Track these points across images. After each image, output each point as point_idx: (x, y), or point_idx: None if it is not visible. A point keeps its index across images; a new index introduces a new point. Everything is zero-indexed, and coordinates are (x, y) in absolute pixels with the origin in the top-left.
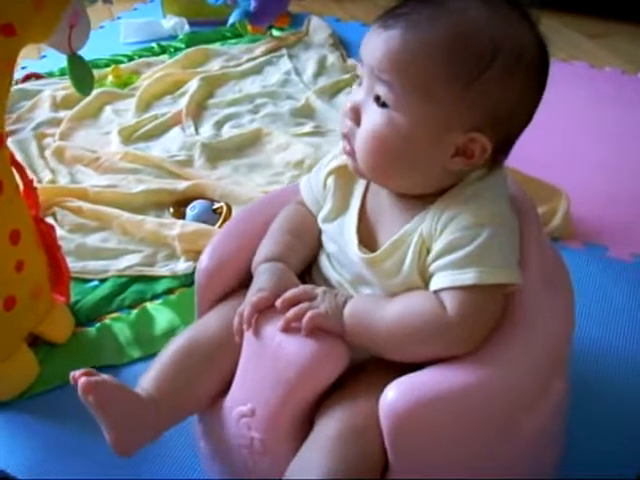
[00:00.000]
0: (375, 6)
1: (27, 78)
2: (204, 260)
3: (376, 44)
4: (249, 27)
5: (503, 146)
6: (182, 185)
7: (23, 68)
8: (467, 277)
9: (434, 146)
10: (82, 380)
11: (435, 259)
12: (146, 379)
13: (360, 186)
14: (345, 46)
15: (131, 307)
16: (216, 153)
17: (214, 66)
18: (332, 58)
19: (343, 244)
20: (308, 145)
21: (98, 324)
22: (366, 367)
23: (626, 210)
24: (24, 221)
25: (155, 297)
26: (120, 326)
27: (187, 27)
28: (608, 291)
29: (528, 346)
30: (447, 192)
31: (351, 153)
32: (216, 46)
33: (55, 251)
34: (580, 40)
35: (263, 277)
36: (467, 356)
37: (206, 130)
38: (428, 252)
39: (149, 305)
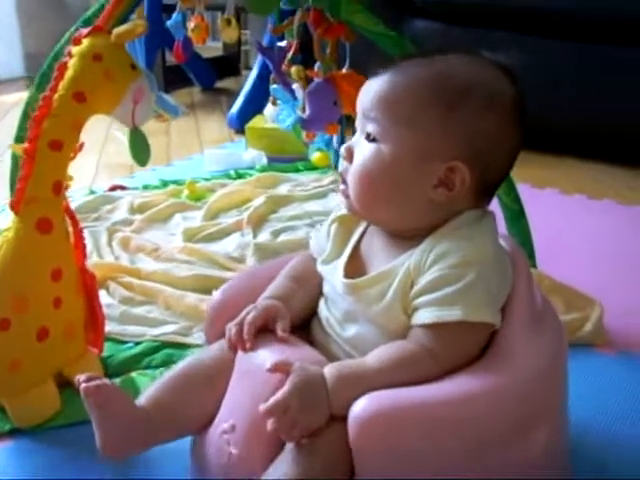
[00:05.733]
0: None
1: (113, 189)
2: (216, 295)
3: (367, 90)
4: (304, 133)
5: (485, 185)
6: (230, 274)
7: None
8: (454, 314)
9: (417, 174)
10: (82, 386)
11: (421, 294)
12: (144, 395)
13: (358, 231)
14: None
15: (158, 367)
16: (268, 254)
17: (282, 189)
18: None
19: (333, 280)
20: None
21: (124, 377)
22: None
23: None
24: (67, 263)
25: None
26: (143, 380)
27: (265, 159)
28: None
29: (505, 377)
30: (439, 229)
31: (345, 191)
32: (287, 174)
33: (94, 301)
34: None
35: (258, 302)
36: (444, 381)
37: (263, 236)
38: (412, 285)
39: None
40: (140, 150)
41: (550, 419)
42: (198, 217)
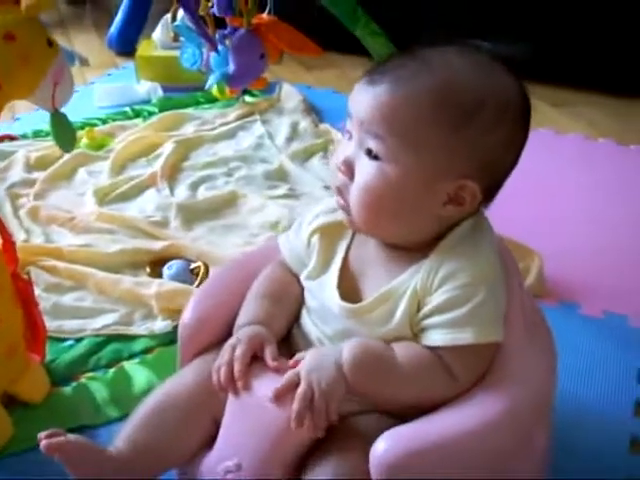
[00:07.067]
0: (343, 74)
1: (0, 140)
2: (187, 315)
3: (365, 99)
4: (227, 89)
5: (491, 192)
6: (158, 245)
7: None
8: (466, 337)
9: (426, 195)
10: (43, 443)
11: (430, 315)
12: (121, 437)
13: (344, 242)
14: (317, 112)
15: (107, 367)
16: (191, 214)
17: (188, 130)
18: (304, 123)
19: (324, 299)
20: (283, 207)
21: (74, 384)
22: (354, 419)
23: (596, 267)
24: (2, 276)
25: (132, 356)
26: (97, 386)
27: (160, 92)
28: (581, 346)
29: (513, 400)
30: (440, 244)
31: (345, 207)
32: (189, 110)
33: (32, 308)
34: (544, 108)
35: (241, 332)
36: (455, 409)
37: (181, 192)
38: (418, 305)
39: (126, 364)
40: (63, 134)
41: (546, 417)
42: (105, 171)
